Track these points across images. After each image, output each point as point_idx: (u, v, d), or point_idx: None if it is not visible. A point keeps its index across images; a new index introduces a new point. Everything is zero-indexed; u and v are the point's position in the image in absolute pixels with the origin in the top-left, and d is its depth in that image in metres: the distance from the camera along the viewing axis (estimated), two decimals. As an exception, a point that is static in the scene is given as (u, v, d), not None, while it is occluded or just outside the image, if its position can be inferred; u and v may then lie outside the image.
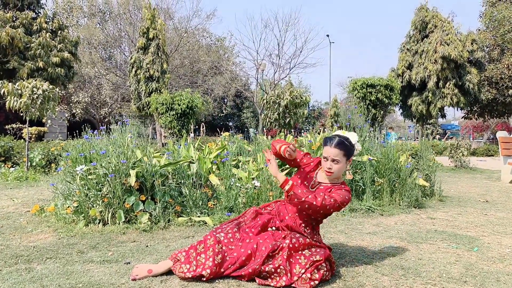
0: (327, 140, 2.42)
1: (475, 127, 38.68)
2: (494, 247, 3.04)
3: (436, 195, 5.45)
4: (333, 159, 2.37)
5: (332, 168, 2.38)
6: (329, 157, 2.38)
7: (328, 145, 2.39)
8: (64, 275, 2.33)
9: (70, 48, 16.84)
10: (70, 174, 3.84)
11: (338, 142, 2.38)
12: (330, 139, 2.41)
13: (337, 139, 2.39)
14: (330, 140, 2.41)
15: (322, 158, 2.43)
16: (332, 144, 2.38)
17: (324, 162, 2.41)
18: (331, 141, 2.39)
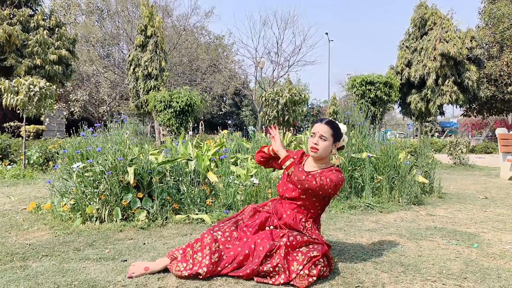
0: (318, 120, 2.50)
1: (474, 124, 38.73)
2: (494, 244, 3.02)
3: (435, 192, 5.43)
4: (321, 135, 2.39)
5: (319, 144, 2.39)
6: (317, 132, 2.41)
7: (319, 123, 2.46)
8: (60, 273, 2.30)
9: (67, 46, 16.77)
10: (66, 172, 3.81)
11: (329, 120, 2.46)
12: (321, 119, 2.50)
13: (328, 119, 2.48)
14: (320, 119, 2.49)
15: (310, 135, 2.46)
16: (322, 122, 2.45)
17: (310, 139, 2.44)
18: (321, 120, 2.47)
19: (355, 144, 5.24)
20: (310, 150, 2.42)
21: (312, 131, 2.45)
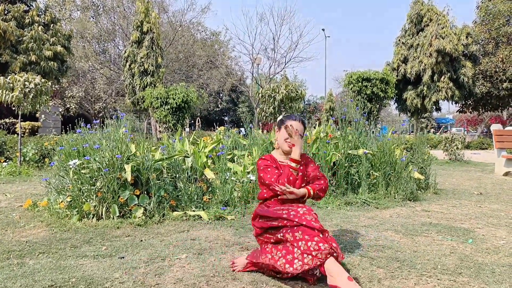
0: (291, 117, 2.53)
1: (469, 120, 38.90)
2: (488, 239, 3.05)
3: (431, 188, 5.46)
4: (300, 134, 2.46)
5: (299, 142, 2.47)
6: (298, 131, 2.45)
7: (295, 121, 2.48)
8: (57, 270, 2.31)
9: (63, 42, 16.67)
10: (63, 169, 3.80)
11: (301, 119, 2.53)
12: (293, 116, 2.55)
13: (299, 116, 2.54)
14: (293, 116, 2.53)
15: (285, 131, 2.43)
16: (297, 120, 2.50)
17: (287, 135, 2.44)
18: (295, 117, 2.51)
19: (351, 141, 5.26)
20: (287, 146, 2.44)
21: (293, 124, 2.46)
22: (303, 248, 2.06)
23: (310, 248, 2.04)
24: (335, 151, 5.02)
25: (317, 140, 5.14)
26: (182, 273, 2.29)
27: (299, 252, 2.06)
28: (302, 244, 2.07)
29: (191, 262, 2.49)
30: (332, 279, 1.98)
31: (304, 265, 2.02)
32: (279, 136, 2.51)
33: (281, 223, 2.21)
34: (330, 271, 2.00)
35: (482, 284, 2.14)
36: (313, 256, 2.02)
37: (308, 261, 2.03)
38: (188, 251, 2.72)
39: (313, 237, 2.07)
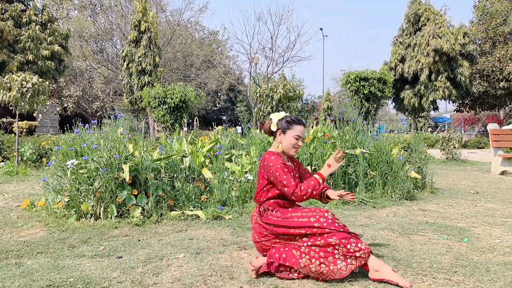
0: (298, 120, 2.51)
1: (466, 119, 39.01)
2: (484, 238, 3.07)
3: (427, 187, 5.49)
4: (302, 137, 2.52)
5: (300, 145, 2.54)
6: (301, 137, 2.50)
7: (302, 124, 2.50)
8: (55, 270, 2.32)
9: (60, 41, 16.63)
10: (61, 169, 3.81)
11: (302, 120, 2.54)
12: (296, 119, 2.53)
13: (301, 119, 2.54)
14: (296, 119, 2.52)
15: (293, 136, 2.47)
16: (304, 124, 2.53)
17: (295, 141, 2.48)
18: (299, 121, 2.51)
19: (349, 140, 5.28)
20: (294, 151, 2.51)
21: (297, 134, 2.48)
22: (344, 251, 2.16)
23: (351, 250, 2.15)
24: (333, 150, 5.04)
25: (314, 140, 5.16)
26: (180, 273, 2.31)
27: (341, 254, 2.16)
28: (341, 248, 2.16)
29: (188, 261, 2.51)
30: (377, 273, 2.13)
31: (348, 265, 2.14)
32: (285, 139, 2.49)
33: (308, 231, 2.24)
34: (373, 266, 2.15)
35: (476, 282, 2.16)
36: (356, 257, 2.14)
37: (352, 262, 2.15)
38: (185, 250, 2.73)
39: (349, 239, 2.18)
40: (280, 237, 2.32)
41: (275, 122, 2.54)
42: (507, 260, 2.53)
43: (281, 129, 2.51)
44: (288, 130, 2.48)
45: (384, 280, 2.09)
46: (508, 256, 2.63)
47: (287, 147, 2.49)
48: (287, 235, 2.30)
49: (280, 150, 2.52)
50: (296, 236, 2.29)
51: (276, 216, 2.37)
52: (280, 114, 2.58)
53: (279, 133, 2.52)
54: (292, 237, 2.29)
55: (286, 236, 2.31)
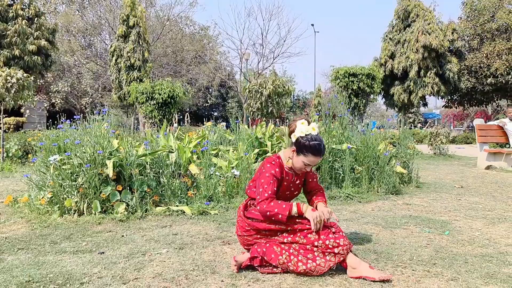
0: (317, 151, 2.24)
1: (455, 115, 39.44)
2: (464, 231, 3.12)
3: (413, 182, 5.54)
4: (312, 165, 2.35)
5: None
6: (313, 165, 2.33)
7: (318, 156, 2.27)
8: (35, 266, 2.30)
9: (47, 36, 16.39)
10: (44, 165, 3.77)
11: (324, 148, 2.31)
12: (320, 148, 2.25)
13: (324, 147, 2.30)
14: (320, 150, 2.26)
15: (303, 162, 2.28)
16: (321, 155, 2.28)
17: (303, 166, 2.31)
18: (323, 151, 2.28)
19: (336, 136, 5.31)
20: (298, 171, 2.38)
21: (308, 163, 2.27)
22: (323, 247, 2.15)
23: (329, 246, 2.14)
24: (319, 145, 5.05)
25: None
26: (162, 268, 2.31)
27: (320, 251, 2.16)
28: (320, 244, 2.15)
29: (171, 256, 2.51)
30: (354, 271, 2.12)
31: (327, 261, 2.13)
32: (296, 160, 2.30)
33: (289, 227, 2.24)
34: (351, 264, 2.13)
35: (454, 273, 2.20)
36: (335, 254, 2.14)
37: (330, 258, 2.14)
38: (169, 246, 2.73)
39: (328, 235, 2.17)
40: (262, 232, 2.32)
41: (297, 135, 2.27)
42: (485, 252, 2.57)
43: (297, 148, 2.28)
44: (302, 154, 2.26)
45: (361, 277, 2.09)
46: (486, 248, 2.67)
47: (297, 165, 2.32)
48: (268, 230, 2.31)
49: (289, 165, 2.37)
50: (277, 232, 2.30)
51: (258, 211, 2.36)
52: (305, 128, 2.25)
53: (293, 150, 2.31)
54: (274, 232, 2.30)
55: (268, 231, 2.31)
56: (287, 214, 2.18)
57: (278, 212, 2.19)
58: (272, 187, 2.26)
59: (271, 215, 2.20)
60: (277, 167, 2.34)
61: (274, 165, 2.34)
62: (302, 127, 2.25)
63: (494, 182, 6.04)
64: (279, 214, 2.19)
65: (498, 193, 5.01)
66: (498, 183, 5.87)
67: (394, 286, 2.03)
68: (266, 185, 2.26)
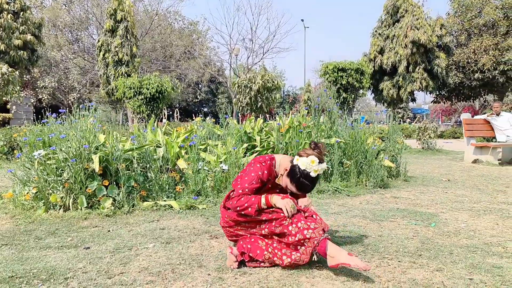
0: (306, 190, 2.27)
1: (443, 110, 39.88)
2: (450, 223, 3.15)
3: (401, 176, 5.59)
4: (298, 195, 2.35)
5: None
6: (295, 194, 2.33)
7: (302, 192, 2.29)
8: (19, 261, 2.26)
9: (33, 30, 16.13)
10: (28, 160, 3.70)
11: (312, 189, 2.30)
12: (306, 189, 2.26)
13: (314, 186, 2.29)
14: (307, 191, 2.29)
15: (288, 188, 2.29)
16: (305, 192, 2.32)
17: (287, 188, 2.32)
18: (306, 191, 2.30)
19: (324, 130, 5.32)
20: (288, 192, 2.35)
21: (291, 189, 2.27)
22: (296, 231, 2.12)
23: (301, 228, 2.11)
24: (308, 140, 5.06)
25: (290, 129, 5.17)
26: (148, 262, 2.29)
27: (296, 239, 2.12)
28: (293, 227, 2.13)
29: (158, 251, 2.49)
30: (333, 259, 2.03)
31: (307, 248, 2.10)
32: (285, 179, 2.28)
33: (264, 216, 2.21)
34: (330, 253, 2.04)
35: (439, 264, 2.22)
36: (308, 238, 2.09)
37: (308, 244, 2.10)
38: (156, 240, 2.71)
39: (300, 218, 2.15)
40: (242, 224, 2.30)
41: (296, 163, 2.23)
42: (470, 243, 2.60)
43: (289, 172, 2.25)
44: (289, 179, 2.25)
45: (339, 264, 2.00)
46: (471, 239, 2.70)
47: (284, 183, 2.31)
48: (246, 222, 2.28)
49: (278, 181, 2.34)
50: (255, 223, 2.27)
51: None
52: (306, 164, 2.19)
53: (286, 169, 2.28)
54: (253, 224, 2.27)
55: (247, 223, 2.29)
56: (256, 208, 2.19)
57: (248, 206, 2.19)
58: (252, 187, 2.26)
59: (241, 209, 2.21)
60: (266, 169, 2.31)
61: (264, 166, 2.31)
62: (305, 161, 2.20)
63: (481, 175, 6.12)
64: (249, 207, 2.19)
65: (484, 186, 5.08)
66: (484, 176, 5.95)
67: (380, 277, 2.04)
68: (247, 183, 2.25)
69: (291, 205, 2.16)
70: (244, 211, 2.22)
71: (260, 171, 2.29)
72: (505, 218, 3.31)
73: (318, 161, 2.21)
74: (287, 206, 2.16)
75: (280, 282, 1.99)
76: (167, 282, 2.01)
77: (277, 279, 2.04)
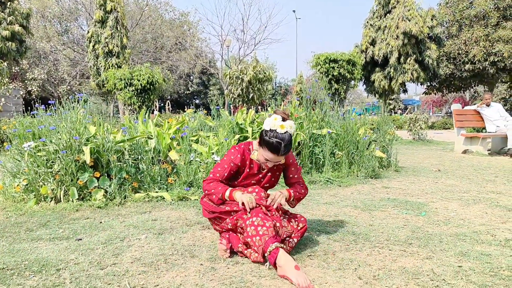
0: (273, 148, 2.15)
1: (434, 101, 40.17)
2: (440, 212, 3.20)
3: (392, 166, 5.64)
4: (277, 162, 2.28)
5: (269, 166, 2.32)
6: (274, 162, 2.25)
7: (276, 155, 2.17)
8: (10, 253, 2.25)
9: (21, 21, 15.84)
10: (18, 152, 3.67)
11: (288, 150, 2.19)
12: (275, 146, 2.15)
13: (288, 146, 2.18)
14: (279, 149, 2.15)
15: (263, 156, 2.23)
16: (280, 153, 2.16)
17: (264, 160, 2.26)
18: (283, 151, 2.16)
19: (316, 121, 5.33)
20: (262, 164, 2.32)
21: (266, 158, 2.21)
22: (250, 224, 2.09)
23: (254, 223, 2.07)
24: (300, 131, 5.08)
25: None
26: (141, 253, 2.29)
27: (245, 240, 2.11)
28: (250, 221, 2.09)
29: (150, 242, 2.49)
30: (280, 270, 1.93)
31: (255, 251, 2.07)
32: (260, 152, 2.25)
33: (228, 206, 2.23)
34: (278, 261, 1.94)
35: (429, 252, 2.25)
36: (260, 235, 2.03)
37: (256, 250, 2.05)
38: (148, 231, 2.70)
39: (258, 213, 2.11)
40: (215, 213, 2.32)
41: (263, 128, 2.23)
42: (459, 232, 2.64)
43: (260, 140, 2.23)
44: (262, 148, 2.21)
45: (285, 276, 1.89)
46: (461, 228, 2.74)
47: (258, 159, 2.30)
48: (219, 212, 2.30)
49: (253, 157, 2.33)
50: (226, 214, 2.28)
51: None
52: (271, 124, 2.16)
53: (258, 142, 2.26)
54: (224, 214, 2.29)
55: (219, 213, 2.30)
56: (219, 196, 2.22)
57: (213, 193, 2.25)
58: (224, 171, 2.29)
59: (208, 193, 2.28)
60: (239, 153, 2.32)
61: (237, 151, 2.34)
62: (269, 121, 2.18)
63: (470, 165, 6.20)
64: (213, 194, 2.25)
65: (473, 175, 5.15)
66: (474, 167, 6.03)
67: (371, 265, 2.07)
68: (219, 167, 2.31)
69: (249, 198, 2.13)
70: (209, 196, 2.29)
71: (233, 155, 2.33)
72: (493, 207, 3.36)
73: (282, 119, 2.19)
74: (243, 199, 2.14)
75: (271, 271, 2.00)
76: (160, 272, 2.02)
77: (269, 268, 2.05)
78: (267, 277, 1.94)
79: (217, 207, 2.30)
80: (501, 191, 4.07)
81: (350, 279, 1.91)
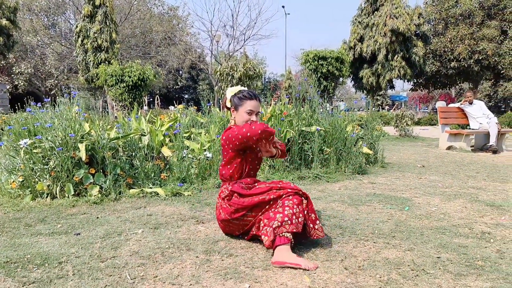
0: (249, 95, 2.46)
1: (421, 98, 40.74)
2: (423, 206, 3.37)
3: (379, 162, 5.82)
4: (257, 112, 2.48)
5: (258, 121, 2.48)
6: (256, 110, 2.47)
7: (254, 99, 2.46)
8: (12, 248, 2.33)
9: (8, 15, 15.61)
10: (13, 149, 3.72)
11: (256, 94, 2.50)
12: (251, 93, 2.49)
13: (253, 92, 2.51)
14: (252, 94, 2.48)
15: (245, 112, 2.44)
16: (256, 98, 2.47)
17: (247, 117, 2.44)
18: (254, 95, 2.47)
19: (305, 118, 5.46)
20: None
21: (249, 109, 2.43)
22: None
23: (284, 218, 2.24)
24: (289, 128, 5.21)
25: (272, 118, 5.30)
26: (138, 246, 2.39)
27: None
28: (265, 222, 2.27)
29: (147, 236, 2.59)
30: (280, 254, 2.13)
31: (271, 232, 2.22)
32: (238, 117, 2.48)
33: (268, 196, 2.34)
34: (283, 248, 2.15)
35: (411, 244, 2.41)
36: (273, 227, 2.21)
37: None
38: (144, 226, 2.81)
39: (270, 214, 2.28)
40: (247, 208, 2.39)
41: (229, 99, 2.54)
42: (440, 225, 2.81)
43: (234, 106, 2.51)
44: (240, 106, 2.46)
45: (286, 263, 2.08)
46: (441, 221, 2.91)
47: (240, 123, 2.47)
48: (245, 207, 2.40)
49: (231, 123, 2.54)
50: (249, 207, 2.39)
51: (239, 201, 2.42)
52: (234, 89, 2.53)
53: (232, 110, 2.53)
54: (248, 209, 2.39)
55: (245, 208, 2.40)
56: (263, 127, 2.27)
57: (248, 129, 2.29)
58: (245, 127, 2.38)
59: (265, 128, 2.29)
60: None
61: (232, 128, 2.43)
62: (231, 88, 2.53)
63: (454, 161, 6.42)
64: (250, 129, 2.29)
65: (456, 171, 5.35)
66: (457, 163, 6.24)
67: (356, 257, 2.21)
68: (244, 128, 2.32)
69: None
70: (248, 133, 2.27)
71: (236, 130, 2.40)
72: (473, 202, 3.55)
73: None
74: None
75: (264, 263, 2.13)
76: (158, 264, 2.13)
77: (261, 260, 2.18)
78: (259, 268, 2.07)
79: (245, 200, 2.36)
80: (481, 187, 4.27)
81: (337, 269, 2.05)
